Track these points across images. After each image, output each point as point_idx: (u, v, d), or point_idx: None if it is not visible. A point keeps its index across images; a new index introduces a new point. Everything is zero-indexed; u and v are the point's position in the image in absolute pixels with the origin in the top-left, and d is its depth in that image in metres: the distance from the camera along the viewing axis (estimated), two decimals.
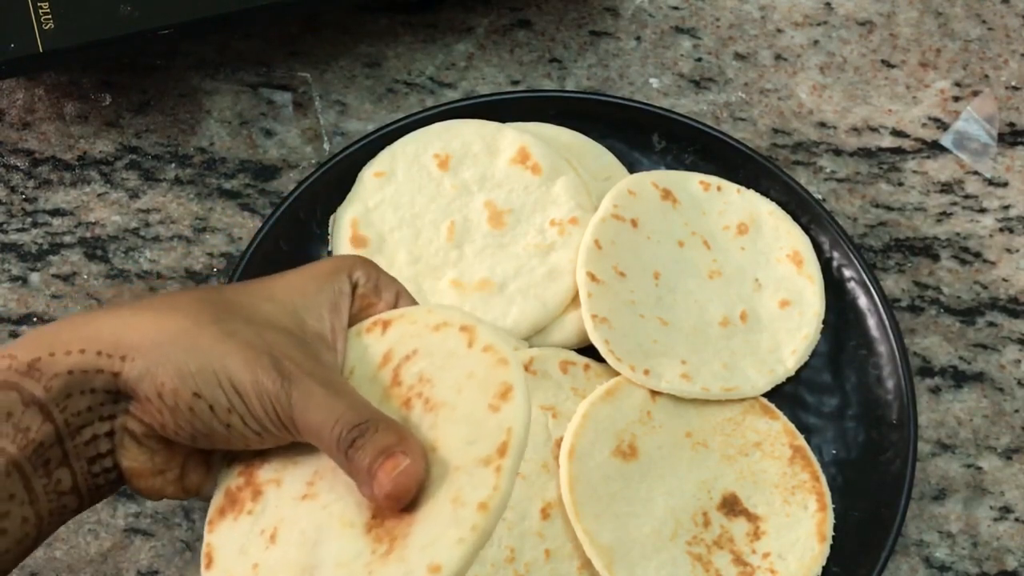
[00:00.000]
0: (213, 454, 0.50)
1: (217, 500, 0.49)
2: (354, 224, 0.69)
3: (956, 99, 0.78)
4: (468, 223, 0.70)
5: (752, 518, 0.66)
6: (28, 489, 0.44)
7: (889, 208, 0.75)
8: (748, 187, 0.73)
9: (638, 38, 0.78)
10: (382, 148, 0.71)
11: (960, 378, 0.72)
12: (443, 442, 0.45)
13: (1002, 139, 0.77)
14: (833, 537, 0.66)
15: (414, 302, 0.52)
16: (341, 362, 0.49)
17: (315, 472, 0.48)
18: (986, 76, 0.78)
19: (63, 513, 0.47)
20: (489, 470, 0.43)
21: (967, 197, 0.76)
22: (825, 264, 0.71)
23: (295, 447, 0.48)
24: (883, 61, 0.79)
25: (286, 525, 0.47)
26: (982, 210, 0.76)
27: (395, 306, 0.51)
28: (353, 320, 0.50)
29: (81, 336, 0.46)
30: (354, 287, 0.50)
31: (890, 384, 0.68)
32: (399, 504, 0.44)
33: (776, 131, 0.76)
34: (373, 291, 0.51)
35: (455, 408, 0.46)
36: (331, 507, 0.47)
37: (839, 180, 0.76)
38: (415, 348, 0.48)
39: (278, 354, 0.45)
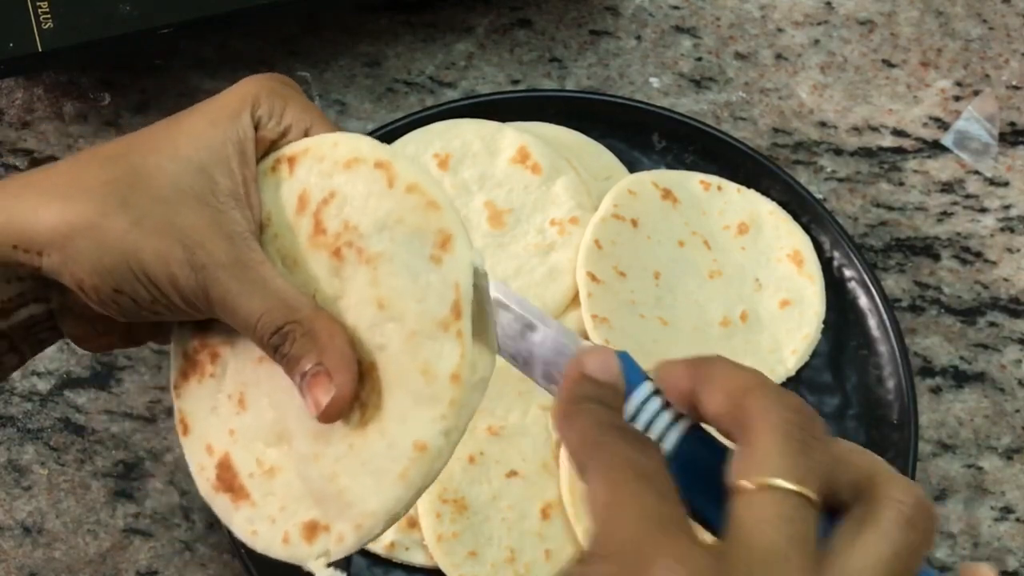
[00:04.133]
0: None
1: (177, 362, 0.48)
2: None
3: (957, 99, 0.78)
4: (468, 223, 0.70)
5: None
6: None
7: (890, 208, 0.75)
8: (748, 187, 0.72)
9: (638, 37, 0.78)
10: None
11: (961, 378, 0.72)
12: (390, 300, 0.43)
13: (1003, 139, 0.77)
14: None
15: (332, 129, 0.47)
16: (256, 216, 0.46)
17: None
18: (987, 75, 0.78)
19: (1, 368, 0.49)
20: (450, 335, 0.41)
21: (968, 197, 0.76)
22: (826, 264, 0.71)
23: None
24: (884, 60, 0.78)
25: (251, 389, 0.46)
26: (983, 210, 0.75)
27: (310, 130, 0.47)
28: (260, 159, 0.47)
29: None
30: (257, 125, 0.46)
31: (891, 384, 0.68)
32: (333, 419, 0.43)
33: (776, 131, 0.76)
34: (277, 130, 0.47)
35: (392, 259, 0.43)
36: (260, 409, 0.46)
37: (840, 180, 0.76)
38: (331, 190, 0.44)
39: (190, 242, 0.43)
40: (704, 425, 0.38)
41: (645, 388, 0.39)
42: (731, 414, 0.36)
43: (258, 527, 0.45)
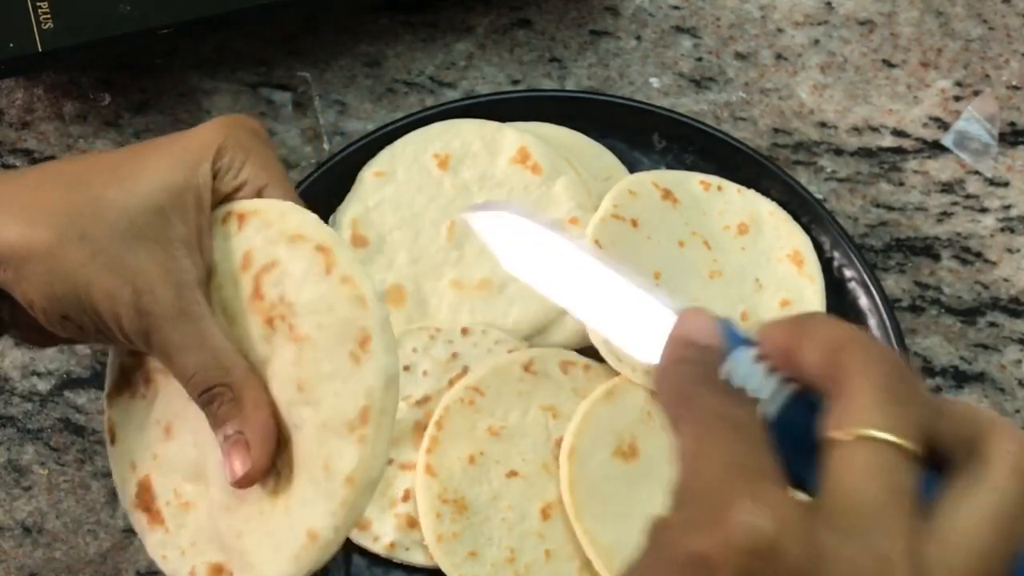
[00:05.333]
0: None
1: (113, 373, 0.51)
2: (354, 224, 0.69)
3: (957, 99, 0.78)
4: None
5: None
6: None
7: (890, 208, 0.75)
8: (748, 187, 0.72)
9: (638, 37, 0.78)
10: (382, 148, 0.71)
11: (961, 378, 0.72)
12: (310, 385, 0.45)
13: (1003, 139, 0.77)
14: None
15: (288, 195, 0.49)
16: (206, 262, 0.48)
17: None
18: (987, 76, 0.78)
19: None
20: (353, 439, 0.44)
21: (968, 197, 0.76)
22: (826, 264, 0.71)
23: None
24: (884, 61, 0.78)
25: (178, 423, 0.48)
26: (983, 210, 0.75)
27: (262, 192, 0.49)
28: (213, 205, 0.49)
29: None
30: (215, 174, 0.48)
31: None
32: (245, 487, 0.46)
33: (777, 131, 0.76)
34: (234, 184, 0.48)
35: (317, 346, 0.45)
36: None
37: (840, 180, 0.76)
38: (273, 258, 0.47)
39: (139, 286, 0.45)
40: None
41: (744, 351, 0.37)
42: (828, 368, 0.34)
43: (168, 553, 0.48)
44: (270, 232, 0.47)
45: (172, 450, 0.49)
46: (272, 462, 0.46)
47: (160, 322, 0.45)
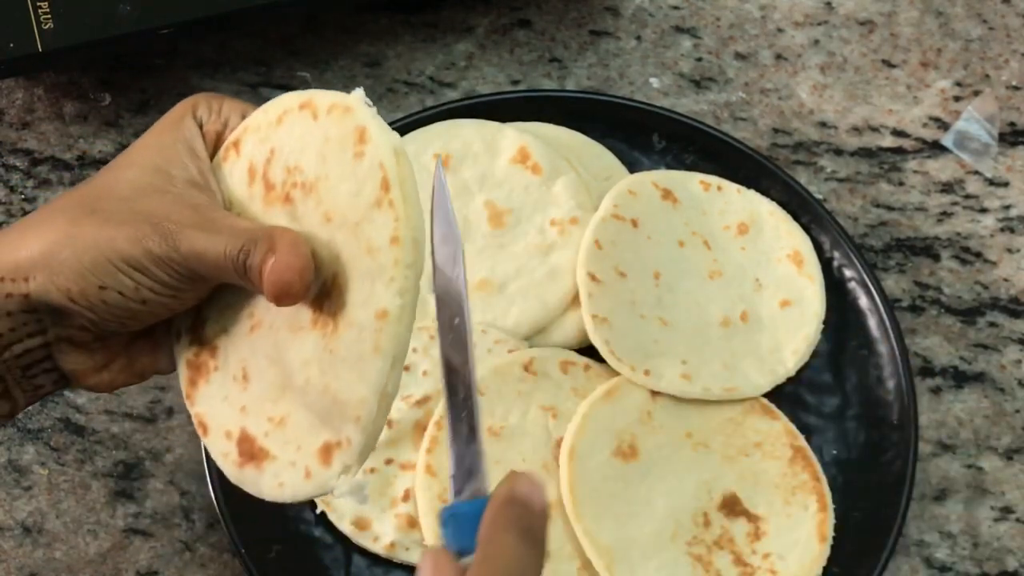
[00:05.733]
0: (154, 333, 0.52)
1: (184, 374, 0.51)
2: None
3: (957, 99, 0.78)
4: (468, 223, 0.70)
5: (752, 518, 0.66)
6: None
7: (890, 208, 0.75)
8: (748, 187, 0.72)
9: (638, 38, 0.78)
10: None
11: (961, 378, 0.72)
12: (334, 209, 0.45)
13: (1003, 139, 0.77)
14: (833, 537, 0.66)
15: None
16: (220, 198, 0.50)
17: (250, 303, 0.49)
18: (987, 76, 0.78)
19: None
20: (383, 209, 0.44)
21: (968, 197, 0.76)
22: (826, 264, 0.71)
23: (222, 293, 0.50)
24: (884, 61, 0.78)
25: (250, 361, 0.49)
26: (983, 210, 0.75)
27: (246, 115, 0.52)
28: (213, 155, 0.51)
29: None
30: (200, 125, 0.51)
31: (891, 384, 0.68)
32: (291, 297, 0.45)
33: (776, 131, 0.76)
34: (219, 122, 0.51)
35: (328, 176, 0.46)
36: (275, 323, 0.48)
37: (840, 180, 0.76)
38: (270, 148, 0.48)
39: (157, 219, 0.47)
40: None
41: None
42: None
43: (283, 478, 0.47)
44: (260, 133, 0.49)
45: (254, 389, 0.48)
46: (308, 267, 0.45)
47: (184, 231, 0.46)
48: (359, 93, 0.46)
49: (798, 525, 0.66)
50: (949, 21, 0.79)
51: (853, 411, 0.69)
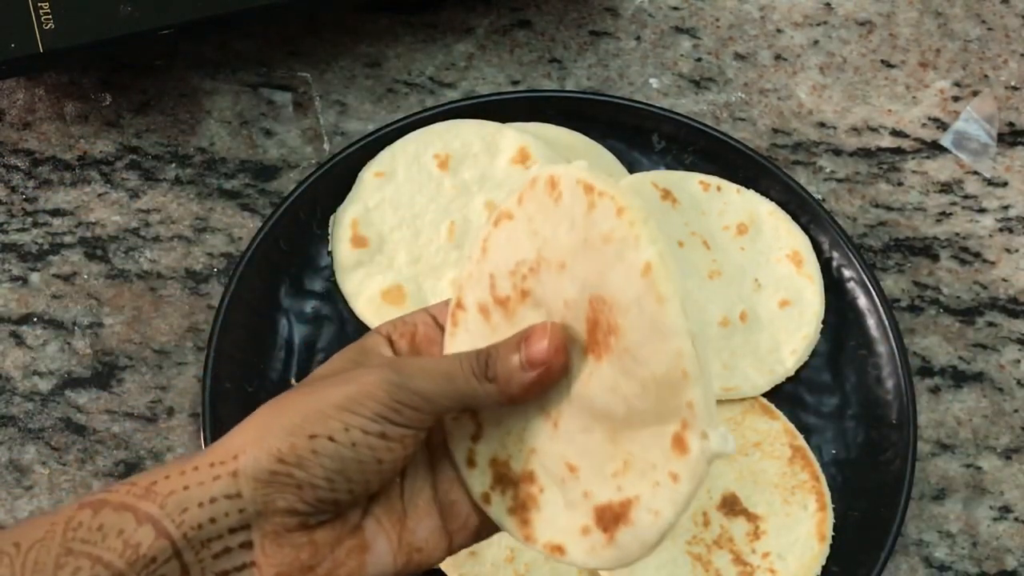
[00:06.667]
0: (363, 532, 0.47)
1: (513, 528, 0.48)
2: (354, 224, 0.69)
3: (956, 99, 0.78)
4: (468, 223, 0.70)
5: (752, 518, 0.66)
6: None
7: (889, 208, 0.75)
8: (748, 187, 0.73)
9: (638, 38, 0.78)
10: (382, 148, 0.71)
11: (960, 378, 0.72)
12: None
13: (1002, 139, 0.77)
14: (833, 537, 0.66)
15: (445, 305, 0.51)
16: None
17: (529, 412, 0.47)
18: (986, 76, 0.78)
19: None
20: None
21: (967, 197, 0.76)
22: (825, 264, 0.71)
23: (486, 440, 0.49)
24: (883, 61, 0.79)
25: (567, 449, 0.46)
26: (982, 210, 0.76)
27: (439, 318, 0.51)
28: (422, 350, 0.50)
29: (191, 460, 0.46)
30: (388, 337, 0.50)
31: (890, 384, 0.68)
32: (552, 373, 0.45)
33: (776, 131, 0.77)
34: (406, 327, 0.50)
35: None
36: (570, 393, 0.46)
37: (839, 180, 0.76)
38: (489, 274, 0.48)
39: (380, 374, 0.45)
40: None
41: None
42: None
43: (655, 505, 0.44)
44: (473, 275, 0.49)
45: (585, 468, 0.46)
46: (557, 339, 0.44)
47: (404, 360, 0.47)
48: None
49: (797, 524, 0.66)
50: (948, 22, 0.80)
51: (852, 411, 0.69)
